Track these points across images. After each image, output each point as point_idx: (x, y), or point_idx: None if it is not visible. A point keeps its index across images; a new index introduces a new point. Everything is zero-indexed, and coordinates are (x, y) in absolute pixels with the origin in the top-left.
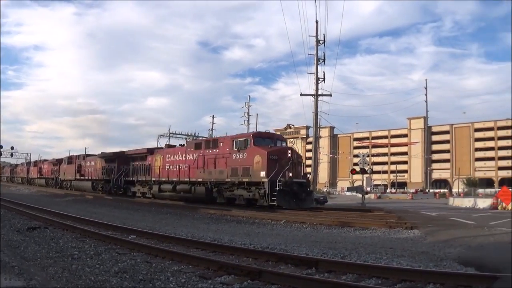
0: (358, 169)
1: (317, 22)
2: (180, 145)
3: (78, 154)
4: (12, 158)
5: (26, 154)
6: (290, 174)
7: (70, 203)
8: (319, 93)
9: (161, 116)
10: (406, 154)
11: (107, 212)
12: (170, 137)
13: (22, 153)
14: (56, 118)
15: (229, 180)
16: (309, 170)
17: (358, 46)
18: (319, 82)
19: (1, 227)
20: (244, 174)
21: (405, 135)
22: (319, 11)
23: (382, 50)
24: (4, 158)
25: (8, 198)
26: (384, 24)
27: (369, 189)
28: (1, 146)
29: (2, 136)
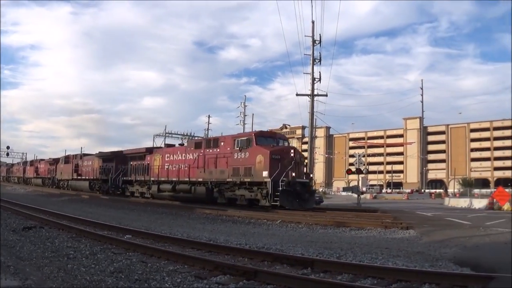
0: (353, 169)
1: (313, 22)
2: (179, 144)
3: (75, 153)
4: (8, 157)
5: (22, 154)
6: (293, 174)
7: (66, 203)
8: (315, 93)
9: (157, 116)
10: (402, 154)
11: (103, 211)
12: (166, 136)
13: (18, 152)
14: (52, 118)
15: (230, 180)
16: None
17: (354, 46)
18: (315, 82)
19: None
20: (246, 174)
21: (401, 135)
22: (315, 11)
23: (378, 50)
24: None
25: (4, 197)
26: (380, 24)
27: (364, 189)
28: None
29: None
